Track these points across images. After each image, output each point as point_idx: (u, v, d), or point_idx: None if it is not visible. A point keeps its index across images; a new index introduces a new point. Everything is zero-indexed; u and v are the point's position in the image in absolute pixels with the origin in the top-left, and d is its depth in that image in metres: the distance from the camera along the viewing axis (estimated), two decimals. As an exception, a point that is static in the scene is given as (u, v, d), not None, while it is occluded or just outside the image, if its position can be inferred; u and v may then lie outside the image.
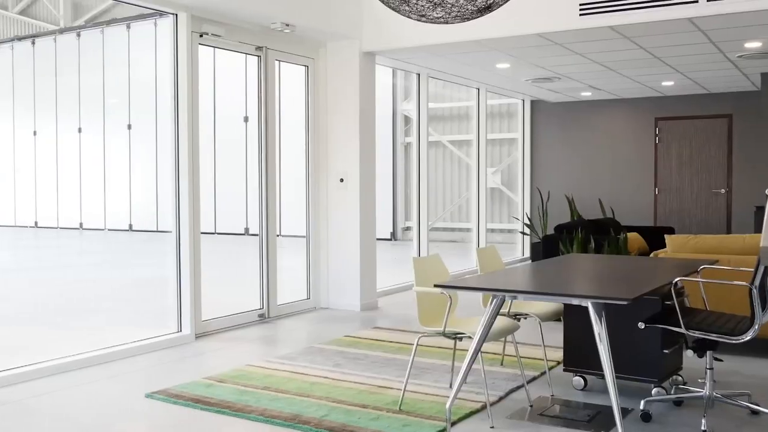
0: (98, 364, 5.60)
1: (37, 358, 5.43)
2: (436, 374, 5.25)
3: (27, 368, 5.24)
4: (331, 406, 4.51)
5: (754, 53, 8.20)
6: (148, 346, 6.08)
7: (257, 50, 7.31)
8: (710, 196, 11.95)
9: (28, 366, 5.27)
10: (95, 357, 5.65)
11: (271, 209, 7.42)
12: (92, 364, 5.58)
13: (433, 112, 15.84)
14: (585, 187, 12.75)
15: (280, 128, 7.71)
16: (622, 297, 3.60)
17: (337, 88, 7.96)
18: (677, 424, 4.21)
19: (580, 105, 12.78)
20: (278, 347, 6.25)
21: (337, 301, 8.04)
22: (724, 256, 5.72)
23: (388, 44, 7.74)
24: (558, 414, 4.40)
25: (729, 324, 4.09)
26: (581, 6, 6.67)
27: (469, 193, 11.98)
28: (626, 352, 4.66)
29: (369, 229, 8.04)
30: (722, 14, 6.20)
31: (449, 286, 4.14)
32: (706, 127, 11.89)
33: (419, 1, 4.19)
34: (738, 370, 5.34)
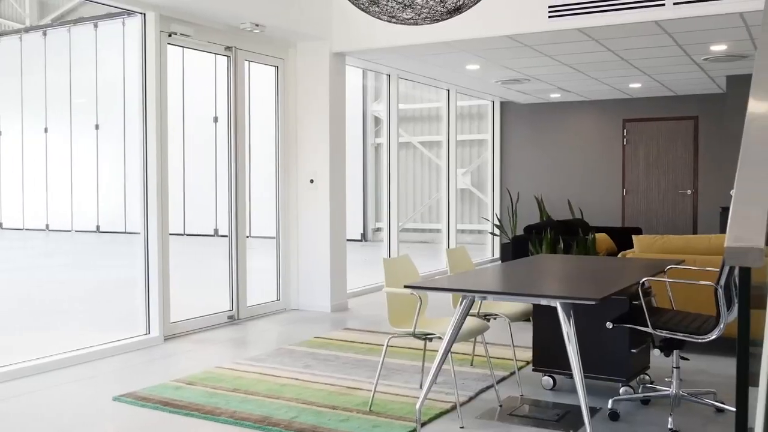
0: (65, 367, 5.52)
1: (2, 361, 5.35)
2: (406, 375, 5.25)
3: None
4: (301, 408, 4.50)
5: (720, 56, 8.32)
6: (115, 348, 6.01)
7: (227, 50, 7.27)
8: (677, 197, 12.10)
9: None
10: (62, 360, 5.57)
11: (240, 210, 7.39)
12: (59, 367, 5.50)
13: (403, 113, 15.87)
14: (554, 188, 12.84)
15: (249, 129, 7.67)
16: (590, 297, 3.63)
17: (307, 88, 7.94)
18: (644, 423, 4.25)
19: (549, 106, 12.88)
20: (248, 349, 6.22)
21: (307, 302, 8.02)
22: (690, 257, 5.79)
23: (358, 45, 7.73)
24: (527, 414, 4.43)
25: (695, 323, 4.15)
26: (550, 8, 6.72)
27: (439, 194, 12.02)
28: (594, 351, 4.70)
29: (339, 230, 8.03)
30: (688, 17, 6.28)
31: (419, 286, 4.14)
32: (672, 129, 12.04)
33: (389, 3, 4.19)
34: (704, 368, 5.41)
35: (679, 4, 6.21)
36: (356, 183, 16.67)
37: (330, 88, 7.83)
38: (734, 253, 1.89)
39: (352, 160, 16.32)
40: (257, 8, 6.88)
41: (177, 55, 7.70)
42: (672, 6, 6.24)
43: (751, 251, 1.87)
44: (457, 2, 4.23)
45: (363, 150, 17.14)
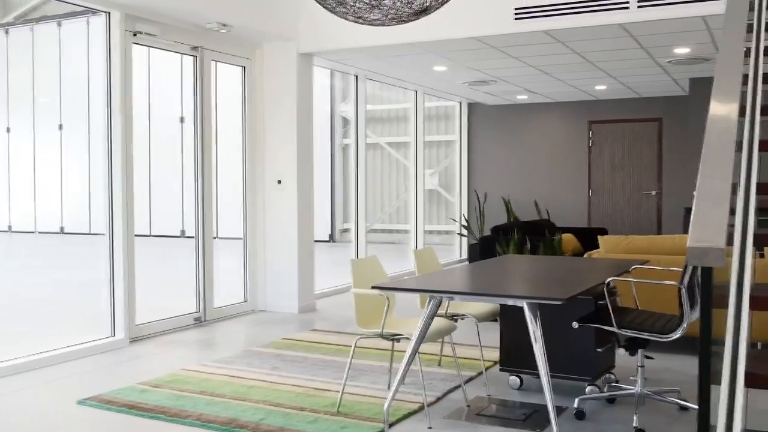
0: (28, 370, 5.44)
1: (-37, 365, 5.26)
2: (374, 376, 5.25)
3: (-48, 376, 5.07)
4: (268, 410, 4.48)
5: (683, 59, 8.44)
6: (80, 351, 5.94)
7: (193, 50, 7.21)
8: (641, 198, 12.24)
9: (-47, 374, 5.10)
10: (25, 363, 5.49)
11: (207, 211, 7.34)
12: (22, 370, 5.42)
13: (371, 113, 15.86)
14: (521, 189, 12.93)
15: (216, 129, 7.62)
16: (557, 297, 3.66)
17: (274, 89, 7.91)
18: (610, 422, 4.30)
19: (516, 108, 12.96)
20: (215, 351, 6.17)
21: (274, 303, 7.98)
22: (654, 257, 5.86)
23: (325, 45, 7.72)
24: (495, 413, 4.45)
25: (659, 323, 4.20)
26: (516, 10, 6.76)
27: (407, 195, 12.04)
28: (561, 351, 4.74)
29: (307, 231, 8.01)
30: (652, 20, 6.36)
31: (387, 287, 4.15)
32: (637, 130, 12.18)
33: (356, 3, 4.19)
34: (668, 367, 5.48)
35: (643, 8, 6.29)
36: (324, 184, 16.64)
37: (297, 89, 7.81)
38: (696, 253, 1.91)
39: (320, 160, 16.27)
40: (224, 8, 6.83)
41: (142, 55, 7.62)
42: (636, 9, 6.32)
43: (712, 251, 1.90)
44: (424, 3, 4.24)
45: (331, 151, 17.11)
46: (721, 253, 1.90)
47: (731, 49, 2.89)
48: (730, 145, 2.30)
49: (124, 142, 6.35)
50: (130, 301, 6.44)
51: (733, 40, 2.95)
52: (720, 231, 1.94)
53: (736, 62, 2.78)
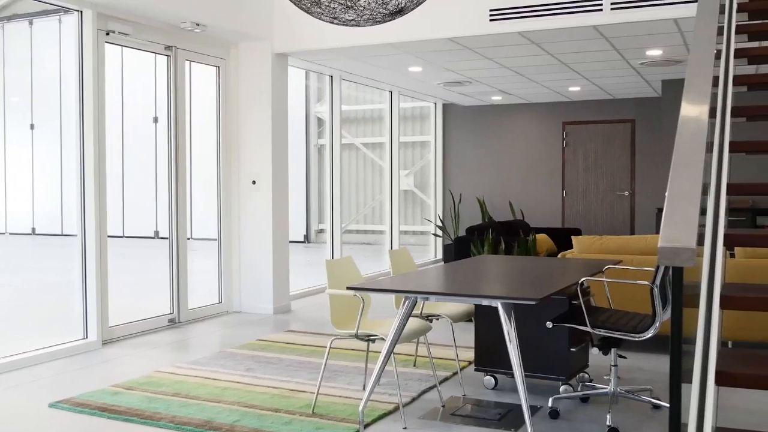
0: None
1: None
2: (350, 376, 5.25)
3: None
4: (243, 411, 4.46)
5: (655, 61, 8.52)
6: (52, 353, 5.87)
7: (167, 50, 7.17)
8: (615, 198, 12.35)
9: None
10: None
11: (181, 212, 7.29)
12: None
13: (346, 114, 15.85)
14: (496, 189, 12.98)
15: (190, 129, 7.57)
16: (531, 297, 3.68)
17: (249, 89, 7.88)
18: (584, 420, 4.33)
19: (491, 109, 13.02)
20: (189, 352, 6.14)
21: (249, 304, 7.95)
22: (627, 256, 5.92)
23: (300, 46, 7.70)
24: (470, 413, 4.46)
25: (632, 322, 4.24)
26: (491, 12, 6.79)
27: (383, 196, 12.04)
28: (535, 351, 4.76)
29: (282, 232, 7.98)
30: (625, 23, 6.42)
31: (362, 288, 4.15)
32: (610, 132, 12.28)
33: (331, 3, 4.18)
34: (641, 366, 5.53)
35: (616, 10, 6.34)
36: (299, 184, 16.60)
37: (272, 89, 7.78)
38: (667, 253, 1.94)
39: (295, 161, 16.23)
40: (198, 7, 6.80)
41: (115, 54, 7.56)
42: (609, 11, 6.37)
43: (683, 251, 1.92)
44: (399, 4, 4.25)
45: (306, 151, 17.07)
46: (691, 253, 1.92)
47: (702, 52, 2.93)
48: (701, 147, 2.32)
49: (96, 142, 6.29)
50: (103, 303, 6.38)
51: (704, 43, 2.99)
52: (691, 231, 1.96)
53: (707, 64, 2.81)
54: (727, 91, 3.29)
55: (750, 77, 4.08)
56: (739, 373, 2.50)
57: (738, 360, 2.67)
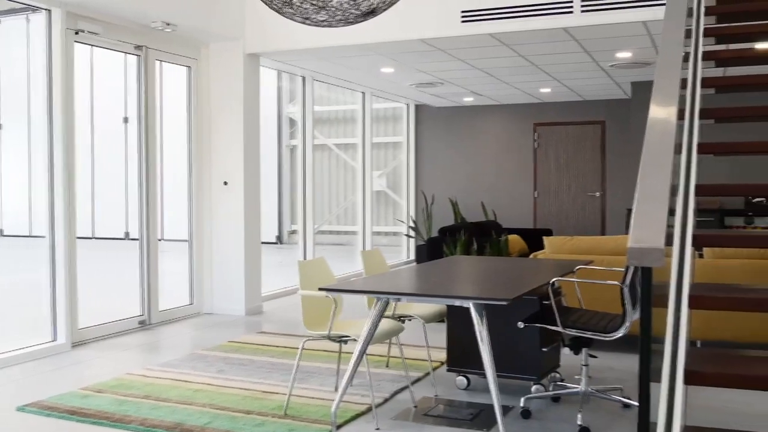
0: (-36, 377, 5.30)
1: None
2: (322, 378, 5.24)
3: None
4: (214, 414, 4.43)
5: (625, 63, 8.60)
6: (20, 356, 5.79)
7: (137, 49, 7.10)
8: (586, 199, 12.44)
9: None
10: (-39, 370, 5.34)
11: (152, 213, 7.23)
12: (-42, 377, 5.27)
13: (318, 115, 15.82)
14: (468, 190, 13.03)
15: (161, 130, 7.51)
16: (502, 297, 3.69)
17: (220, 89, 7.84)
18: (555, 420, 4.36)
19: (463, 110, 13.06)
20: (160, 354, 6.09)
21: (221, 306, 7.91)
22: (598, 257, 5.96)
23: (272, 46, 7.67)
24: (442, 413, 4.47)
25: (602, 322, 4.27)
26: (463, 13, 6.82)
27: (355, 197, 12.04)
28: (507, 351, 4.78)
29: (254, 233, 7.95)
30: (595, 25, 6.47)
31: (334, 289, 4.14)
32: (581, 133, 12.38)
33: (303, 4, 4.17)
34: (611, 365, 5.58)
35: (587, 12, 6.40)
36: (271, 185, 16.53)
37: (244, 89, 7.75)
38: (636, 253, 1.95)
39: (267, 162, 16.15)
40: (168, 7, 6.74)
41: (85, 54, 7.48)
42: (579, 14, 6.42)
43: (651, 252, 1.94)
44: (371, 5, 4.25)
45: (278, 152, 17.01)
46: (660, 254, 1.94)
47: (670, 54, 2.96)
48: (670, 148, 2.35)
49: (65, 143, 6.22)
50: (72, 305, 6.31)
51: (672, 46, 3.02)
52: (659, 232, 1.98)
53: (675, 67, 2.84)
54: (696, 93, 3.33)
55: (718, 80, 4.14)
56: (708, 372, 2.53)
57: (706, 359, 2.70)
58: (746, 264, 5.62)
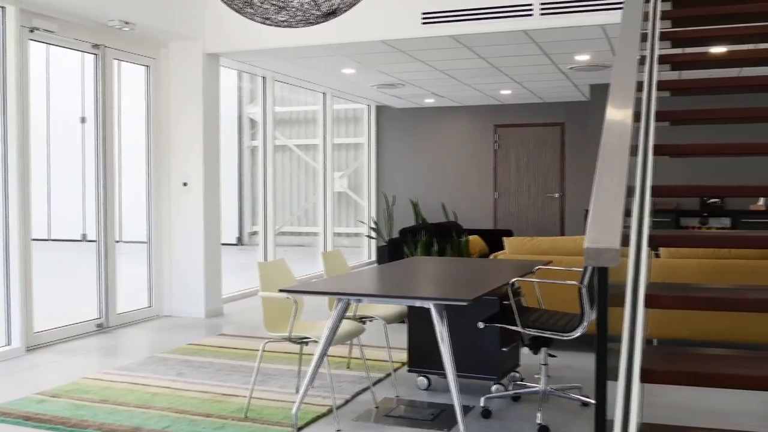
0: None
1: None
2: (283, 380, 5.22)
3: None
4: (173, 417, 4.38)
5: (584, 66, 8.71)
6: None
7: (94, 48, 7.01)
8: (545, 200, 12.56)
9: None
10: None
11: (109, 214, 7.13)
12: None
13: (279, 115, 15.76)
14: (429, 191, 13.08)
15: (120, 130, 7.42)
16: (462, 298, 3.71)
17: (179, 89, 7.76)
18: (515, 419, 4.39)
19: (424, 111, 13.11)
20: (118, 358, 6.01)
21: (180, 308, 7.83)
22: (558, 257, 6.03)
23: (232, 46, 7.62)
24: (403, 414, 4.48)
25: (561, 321, 4.32)
26: (424, 15, 6.84)
27: (316, 198, 12.01)
28: (467, 351, 4.81)
29: (214, 234, 7.89)
30: (554, 28, 6.54)
31: (294, 290, 4.12)
32: (541, 134, 12.49)
33: (263, 4, 4.15)
34: (570, 364, 5.64)
35: (546, 15, 6.46)
36: (231, 186, 16.42)
37: (203, 90, 7.68)
38: (592, 254, 1.98)
39: (227, 162, 16.05)
40: (126, 5, 6.66)
41: (41, 52, 7.35)
42: (539, 16, 6.49)
43: (607, 252, 1.97)
44: (332, 6, 4.24)
45: (239, 153, 16.91)
46: (615, 254, 1.97)
47: (626, 58, 3.00)
48: (625, 150, 2.38)
49: (20, 143, 6.11)
50: (27, 308, 6.19)
51: (629, 49, 3.07)
52: (615, 233, 2.01)
53: (631, 70, 2.88)
54: (651, 95, 3.38)
55: (673, 83, 4.20)
56: (664, 370, 2.57)
57: (662, 357, 2.74)
58: (701, 264, 5.73)
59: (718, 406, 4.60)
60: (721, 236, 3.06)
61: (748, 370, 2.53)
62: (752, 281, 5.61)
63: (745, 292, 2.86)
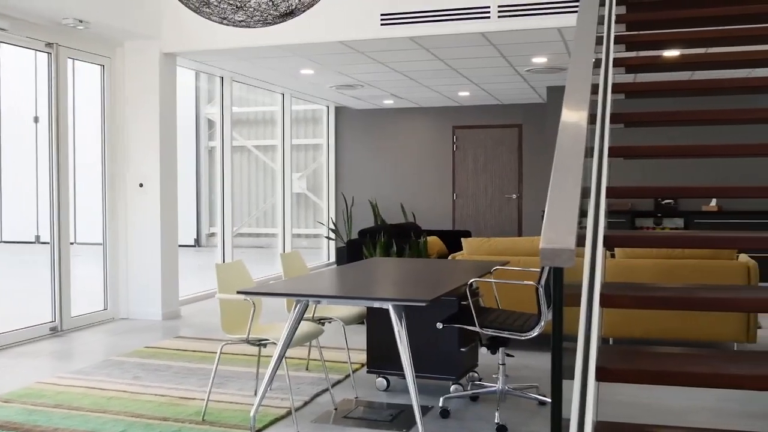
0: None
1: None
2: (241, 382, 5.18)
3: None
4: (129, 421, 4.33)
5: (541, 68, 8.80)
6: None
7: (48, 47, 6.89)
8: (503, 201, 12.66)
9: None
10: None
11: (63, 215, 7.01)
12: None
13: (237, 116, 15.65)
14: (388, 192, 13.10)
15: (74, 130, 7.30)
16: (421, 299, 3.72)
17: (135, 89, 7.66)
18: (473, 419, 4.42)
19: (383, 112, 13.13)
20: (72, 362, 5.91)
21: (137, 310, 7.73)
22: (515, 258, 6.08)
23: (189, 46, 7.55)
24: (362, 415, 4.48)
25: (518, 321, 4.35)
26: (382, 16, 6.85)
27: (275, 199, 11.95)
28: (426, 351, 4.83)
29: (171, 236, 7.80)
30: (511, 30, 6.60)
31: (252, 292, 4.10)
32: (498, 136, 12.59)
33: (221, 4, 4.12)
34: (527, 364, 5.69)
35: (503, 18, 6.52)
36: (189, 187, 16.27)
37: (160, 90, 7.60)
38: (548, 254, 2.00)
39: (185, 163, 15.91)
40: (81, 3, 6.56)
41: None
42: (497, 19, 6.54)
43: (562, 252, 1.99)
44: (290, 6, 4.23)
45: (196, 153, 16.75)
46: (570, 254, 1.99)
47: (582, 60, 3.04)
48: (580, 152, 2.41)
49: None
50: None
51: (584, 52, 3.11)
52: (570, 233, 2.04)
53: (586, 72, 2.92)
54: (606, 98, 3.43)
55: (628, 85, 4.27)
56: (619, 368, 2.61)
57: (617, 356, 2.78)
58: (656, 263, 5.83)
59: (673, 404, 4.68)
60: (674, 236, 3.12)
61: (701, 367, 2.58)
62: (704, 280, 5.72)
63: (697, 292, 2.92)
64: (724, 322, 5.68)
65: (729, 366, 2.60)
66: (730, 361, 2.67)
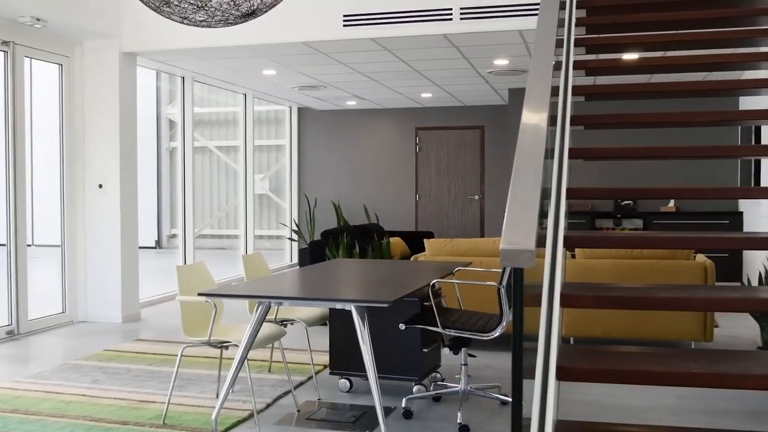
0: None
1: None
2: (202, 385, 5.14)
3: None
4: (88, 426, 4.27)
5: (502, 70, 8.86)
6: None
7: (4, 45, 6.77)
8: (466, 202, 12.73)
9: None
10: None
11: (20, 217, 6.89)
12: None
13: (199, 116, 15.53)
14: (351, 193, 13.09)
15: (31, 130, 7.18)
16: (384, 300, 3.72)
17: (94, 89, 7.56)
18: (436, 419, 4.43)
19: (346, 113, 13.12)
20: (29, 366, 5.81)
21: (96, 313, 7.63)
22: (477, 258, 6.11)
23: (149, 45, 7.47)
24: (325, 417, 4.47)
25: (481, 322, 4.38)
26: (345, 17, 6.85)
27: (237, 200, 11.87)
28: (389, 352, 4.83)
29: (131, 237, 7.71)
30: (473, 32, 6.64)
31: (214, 294, 4.07)
32: (461, 137, 12.65)
33: (181, 3, 4.09)
34: (489, 364, 5.73)
35: (465, 20, 6.56)
36: (150, 188, 16.10)
37: (120, 90, 7.51)
38: (508, 255, 2.02)
39: (145, 164, 15.74)
40: (38, 1, 6.45)
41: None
42: (458, 21, 6.57)
43: (522, 253, 2.01)
44: (252, 6, 4.21)
45: (157, 154, 16.58)
46: (531, 255, 2.01)
47: (542, 63, 3.07)
48: (540, 153, 2.43)
49: (-76, 143, 5.85)
50: (-68, 315, 5.94)
51: (544, 54, 3.14)
52: (530, 234, 2.05)
53: (547, 75, 2.95)
54: (567, 100, 3.47)
55: (588, 88, 4.32)
56: (579, 367, 2.63)
57: (578, 355, 2.81)
58: (615, 264, 5.90)
59: (633, 402, 4.74)
60: (633, 237, 3.16)
61: (659, 366, 2.62)
62: (663, 280, 5.81)
63: (655, 291, 2.96)
64: (682, 322, 5.78)
65: (687, 364, 2.64)
66: (688, 360, 2.71)
